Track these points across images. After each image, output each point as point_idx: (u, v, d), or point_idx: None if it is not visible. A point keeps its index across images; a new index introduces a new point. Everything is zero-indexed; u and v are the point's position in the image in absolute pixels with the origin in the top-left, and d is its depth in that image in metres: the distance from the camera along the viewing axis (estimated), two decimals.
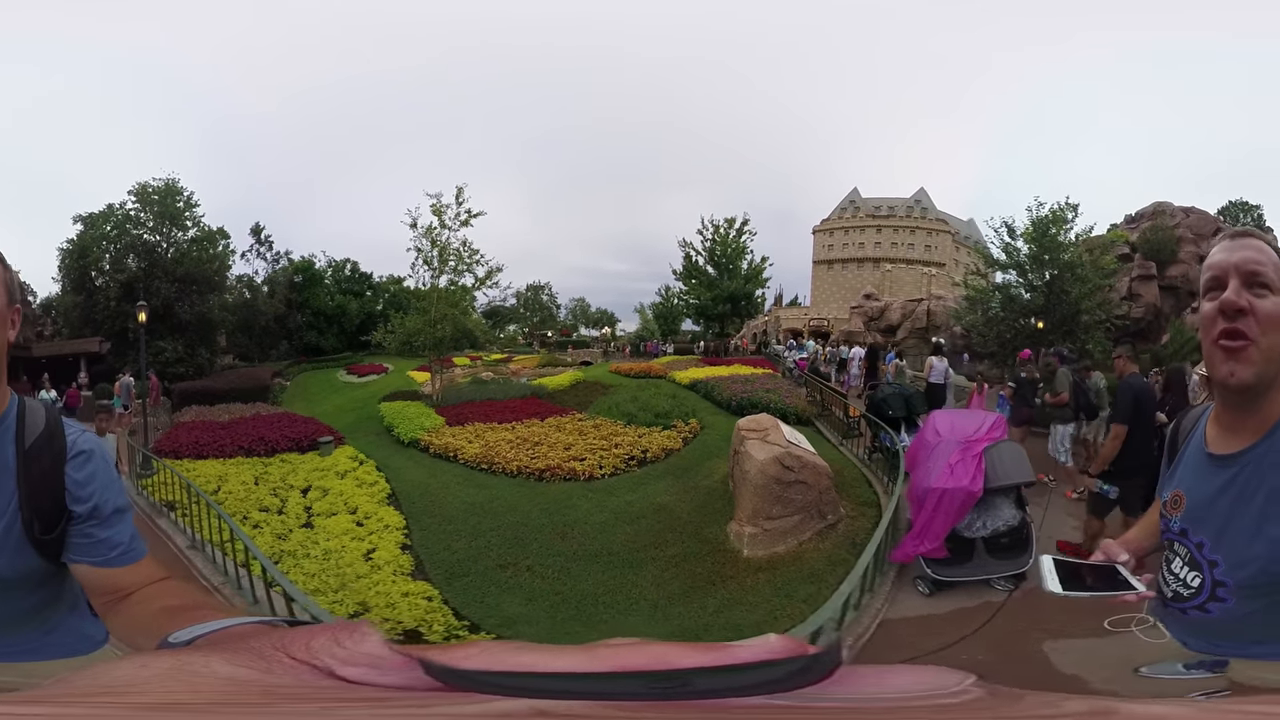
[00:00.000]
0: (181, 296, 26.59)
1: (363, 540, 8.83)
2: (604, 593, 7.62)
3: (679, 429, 13.38)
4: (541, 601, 7.50)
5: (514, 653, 0.47)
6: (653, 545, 8.65)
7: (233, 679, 0.43)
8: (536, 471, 11.40)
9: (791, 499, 8.24)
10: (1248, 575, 1.28)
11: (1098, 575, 1.39)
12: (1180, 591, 1.40)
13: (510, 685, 0.43)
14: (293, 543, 8.85)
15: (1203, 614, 1.36)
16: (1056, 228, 20.76)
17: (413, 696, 0.43)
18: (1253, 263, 1.25)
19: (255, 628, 0.61)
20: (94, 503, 1.22)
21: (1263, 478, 1.27)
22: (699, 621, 6.84)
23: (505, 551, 8.70)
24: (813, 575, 7.39)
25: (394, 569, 7.97)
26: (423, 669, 0.44)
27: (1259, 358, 1.23)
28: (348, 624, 0.50)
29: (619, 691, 0.44)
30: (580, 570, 8.15)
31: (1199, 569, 1.37)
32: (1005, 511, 6.41)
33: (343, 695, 0.43)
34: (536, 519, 9.61)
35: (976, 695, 0.51)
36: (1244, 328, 1.22)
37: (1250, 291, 1.23)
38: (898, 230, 73.58)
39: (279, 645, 0.47)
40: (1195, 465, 1.43)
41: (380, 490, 10.91)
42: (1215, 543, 1.34)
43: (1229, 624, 1.33)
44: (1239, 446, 1.32)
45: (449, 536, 9.17)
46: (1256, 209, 35.63)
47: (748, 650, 0.49)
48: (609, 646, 0.49)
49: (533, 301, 68.60)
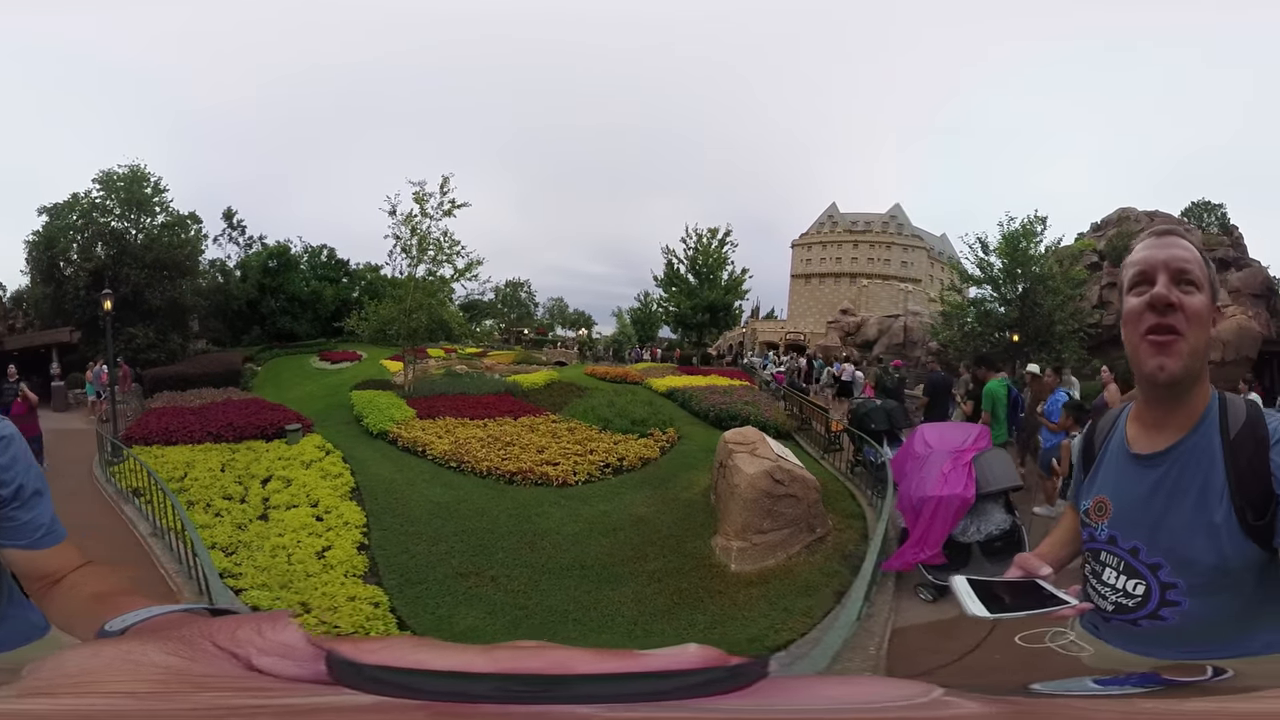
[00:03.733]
0: (152, 282, 26.13)
1: (320, 536, 8.46)
2: (576, 609, 7.22)
3: (656, 437, 13.20)
4: (502, 616, 7.04)
5: (414, 649, 0.47)
6: (632, 559, 8.31)
7: (167, 668, 0.44)
8: (507, 474, 11.03)
9: (781, 512, 8.25)
10: (1196, 573, 1.26)
11: (1018, 593, 1.29)
12: (1123, 603, 1.37)
13: (401, 683, 0.43)
14: (250, 534, 8.54)
15: (1158, 622, 1.32)
16: (1027, 241, 21.12)
17: (296, 689, 0.44)
18: (1181, 260, 1.28)
19: (184, 616, 0.62)
20: (17, 484, 1.23)
21: (1195, 471, 1.28)
22: (688, 638, 6.65)
23: (468, 559, 8.24)
24: (807, 588, 7.33)
25: (346, 570, 7.60)
26: (326, 662, 0.45)
27: (1187, 351, 1.25)
28: (270, 614, 0.51)
29: (511, 694, 0.44)
30: (550, 584, 7.74)
31: (1140, 576, 1.34)
32: (997, 516, 6.75)
33: (246, 685, 0.43)
34: (504, 525, 9.21)
35: (928, 703, 0.49)
36: (1174, 322, 1.25)
37: (1178, 289, 1.26)
38: (874, 246, 74.74)
39: (205, 634, 0.48)
40: (1118, 468, 1.42)
41: (344, 483, 10.46)
42: (1151, 545, 1.32)
43: (1190, 627, 1.29)
44: (1165, 444, 1.33)
45: (409, 538, 8.76)
46: (1219, 208, 35.75)
47: (660, 659, 0.47)
48: (511, 648, 0.49)
49: (511, 298, 68.17)
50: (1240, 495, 1.22)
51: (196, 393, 18.82)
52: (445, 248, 20.58)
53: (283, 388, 22.99)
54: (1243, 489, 1.22)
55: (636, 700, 0.45)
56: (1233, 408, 1.30)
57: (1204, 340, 1.28)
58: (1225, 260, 23.91)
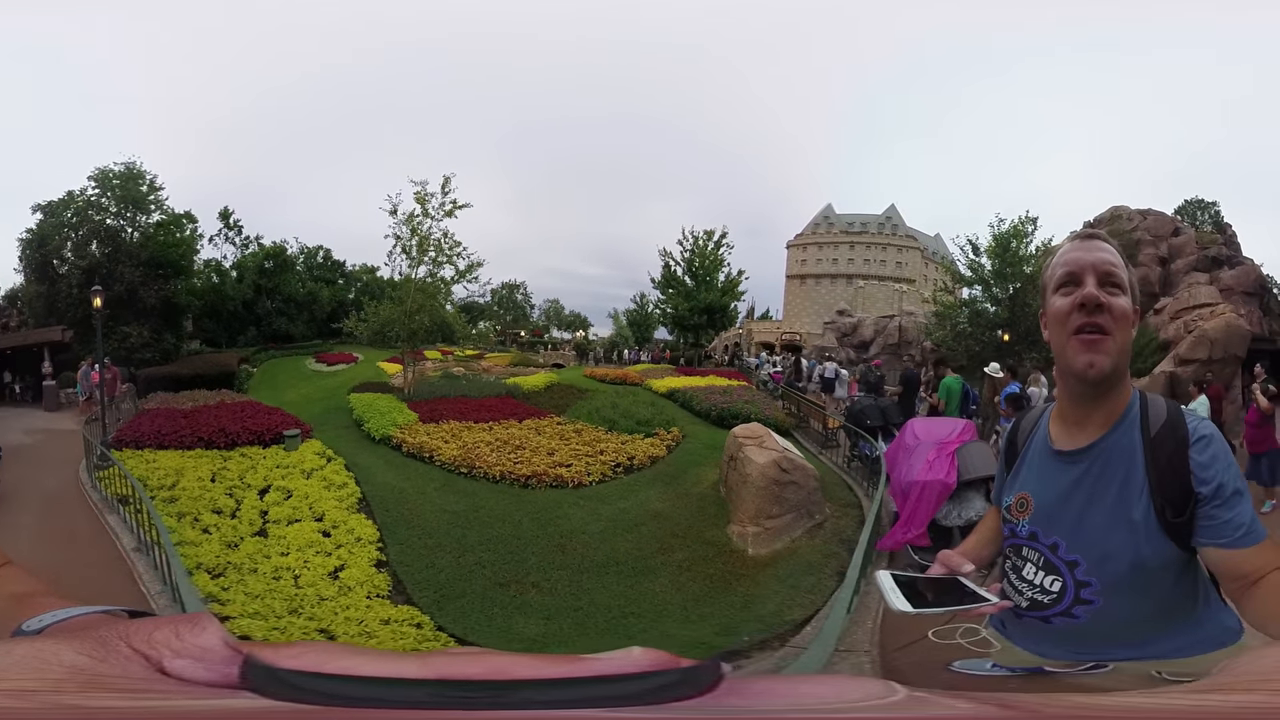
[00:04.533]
0: (146, 281, 25.84)
1: (330, 555, 7.93)
2: (623, 603, 7.39)
3: (661, 437, 13.36)
4: (562, 619, 7.07)
5: (341, 655, 0.46)
6: (659, 551, 8.61)
7: (74, 667, 0.42)
8: (522, 478, 10.93)
9: (787, 499, 9.05)
10: (1113, 570, 1.28)
11: (941, 589, 1.31)
12: (1038, 599, 1.37)
13: (322, 689, 0.42)
14: (241, 554, 7.89)
15: (1069, 620, 1.33)
16: (1017, 241, 21.32)
17: (202, 693, 0.43)
18: (1107, 264, 1.32)
19: (104, 617, 0.61)
20: None
21: (1116, 468, 1.30)
22: (733, 618, 6.99)
23: (501, 568, 8.09)
24: (810, 567, 7.97)
25: (368, 591, 7.15)
26: (240, 667, 0.43)
27: (1115, 349, 1.28)
28: (191, 616, 0.50)
29: (448, 701, 0.42)
30: (591, 583, 7.82)
31: (1057, 572, 1.35)
32: (977, 503, 7.20)
33: (149, 688, 0.42)
34: (529, 530, 9.11)
35: (889, 704, 0.49)
36: (1103, 322, 1.28)
37: (1104, 290, 1.29)
38: (869, 247, 74.95)
39: (123, 635, 0.46)
40: (1041, 465, 1.43)
41: (350, 494, 9.97)
42: (1072, 541, 1.33)
43: (1101, 627, 1.31)
44: (1087, 441, 1.35)
45: (431, 551, 8.41)
46: (1213, 205, 35.35)
47: (605, 663, 0.46)
48: (446, 654, 0.47)
49: (507, 300, 68.08)
50: (1160, 493, 1.25)
51: (189, 394, 18.40)
52: (446, 249, 20.46)
53: (278, 390, 22.80)
54: (1162, 487, 1.25)
55: (585, 706, 0.43)
56: (1153, 407, 1.33)
57: (1128, 340, 1.32)
58: (1218, 258, 24.02)
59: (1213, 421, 1.95)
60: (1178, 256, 24.36)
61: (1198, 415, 1.33)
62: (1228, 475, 1.23)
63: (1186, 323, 18.61)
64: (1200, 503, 1.23)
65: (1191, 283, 21.76)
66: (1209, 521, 1.22)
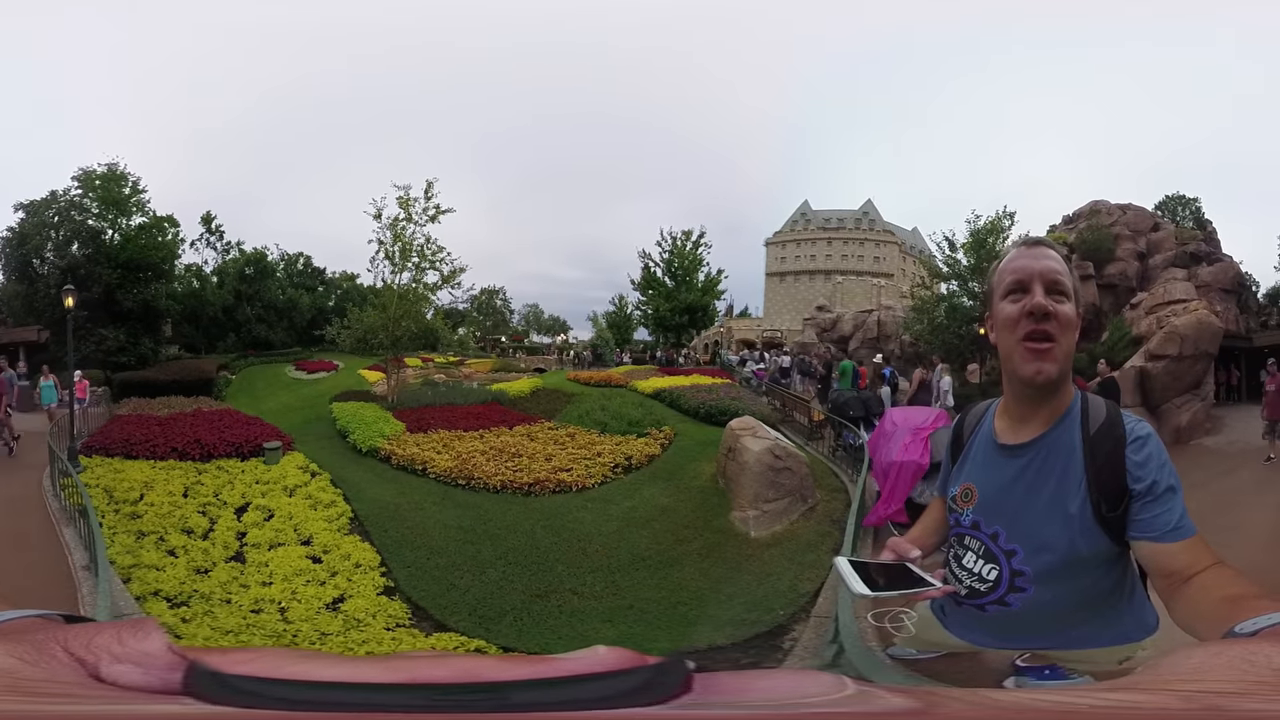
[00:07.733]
0: (125, 283, 25.38)
1: (323, 584, 7.21)
2: (664, 594, 7.60)
3: (654, 436, 13.57)
4: (626, 619, 6.94)
5: (294, 660, 0.45)
6: (675, 543, 9.01)
7: (3, 671, 0.42)
8: (524, 486, 10.79)
9: (782, 484, 9.75)
10: (1047, 559, 1.35)
11: (891, 575, 1.38)
12: (976, 587, 1.44)
13: (272, 695, 0.41)
14: (212, 582, 7.10)
15: (1002, 608, 1.40)
16: (994, 237, 21.46)
17: (137, 699, 0.41)
18: (1054, 272, 1.37)
19: (40, 621, 0.59)
20: None
21: (1055, 462, 1.37)
22: (757, 594, 7.37)
23: (531, 579, 7.82)
24: (809, 545, 8.59)
25: (385, 621, 6.52)
26: (184, 674, 0.42)
27: (1061, 355, 1.34)
28: (135, 621, 0.49)
29: (413, 705, 0.41)
30: (626, 580, 7.92)
31: (995, 561, 1.42)
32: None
33: (82, 693, 0.41)
34: (544, 539, 9.00)
35: (844, 698, 0.49)
36: (1050, 329, 1.33)
37: (1050, 298, 1.34)
38: (847, 242, 75.48)
39: (59, 639, 0.45)
40: (985, 458, 1.50)
41: (340, 513, 9.26)
42: (1011, 531, 1.40)
43: (1030, 615, 1.38)
44: (1030, 436, 1.41)
45: (446, 571, 7.89)
46: (1194, 202, 34.79)
47: (572, 663, 0.46)
48: (409, 658, 0.47)
49: (486, 305, 67.71)
50: (1096, 488, 1.31)
51: (165, 400, 17.76)
52: (429, 254, 20.38)
53: (258, 398, 22.38)
54: (1099, 482, 1.31)
55: (557, 709, 0.42)
56: (1093, 407, 1.39)
57: (1073, 345, 1.37)
58: (1197, 255, 23.87)
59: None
60: (1156, 252, 24.17)
61: (1135, 417, 1.40)
62: (1161, 474, 1.29)
63: (1159, 318, 18.62)
64: (1134, 498, 1.29)
65: (1168, 278, 21.62)
66: (1141, 515, 1.28)
